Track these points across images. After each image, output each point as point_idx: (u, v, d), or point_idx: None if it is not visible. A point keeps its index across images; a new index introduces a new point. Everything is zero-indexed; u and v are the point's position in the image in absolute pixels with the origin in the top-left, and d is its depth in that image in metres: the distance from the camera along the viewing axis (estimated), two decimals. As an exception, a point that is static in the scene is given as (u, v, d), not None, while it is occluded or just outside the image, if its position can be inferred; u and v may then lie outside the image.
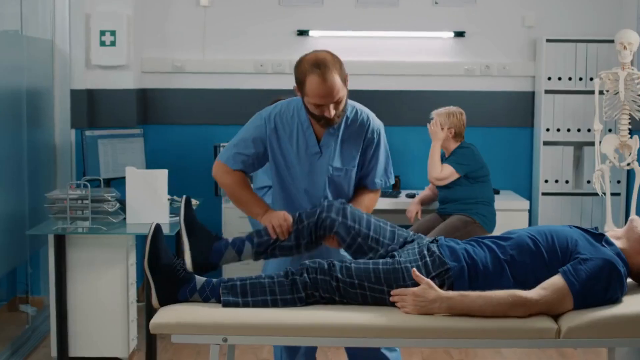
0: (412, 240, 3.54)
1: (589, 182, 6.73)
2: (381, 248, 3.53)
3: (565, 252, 3.34)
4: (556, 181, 6.90)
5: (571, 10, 7.05)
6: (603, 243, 3.37)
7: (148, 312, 5.32)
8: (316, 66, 3.60)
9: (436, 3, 7.05)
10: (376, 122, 3.92)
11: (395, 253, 3.45)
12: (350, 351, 4.04)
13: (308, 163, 3.86)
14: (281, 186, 3.97)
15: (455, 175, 5.96)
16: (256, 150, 3.85)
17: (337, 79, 3.62)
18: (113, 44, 6.48)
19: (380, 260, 3.39)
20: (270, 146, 3.86)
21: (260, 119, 3.88)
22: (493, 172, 6.47)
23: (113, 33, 6.47)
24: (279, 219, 3.64)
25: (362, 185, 3.98)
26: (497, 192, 6.74)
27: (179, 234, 3.64)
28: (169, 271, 3.33)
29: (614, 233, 3.51)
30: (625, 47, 5.84)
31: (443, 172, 5.96)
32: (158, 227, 3.37)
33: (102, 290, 5.16)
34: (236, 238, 3.60)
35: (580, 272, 3.23)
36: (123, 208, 5.30)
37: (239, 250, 3.57)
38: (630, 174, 6.59)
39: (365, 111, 3.92)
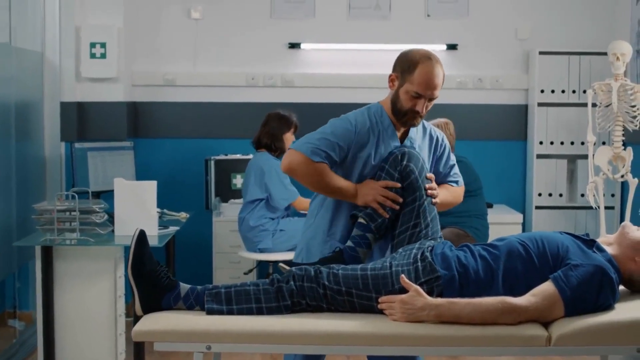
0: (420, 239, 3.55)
1: (583, 195, 6.69)
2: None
3: (556, 258, 3.28)
4: (550, 194, 6.86)
5: (564, 23, 7.03)
6: (594, 249, 3.32)
7: (136, 353, 5.27)
8: (429, 57, 3.64)
9: (428, 15, 7.03)
10: (440, 133, 3.93)
11: (395, 254, 3.42)
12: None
13: None
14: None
15: None
16: (338, 156, 3.69)
17: (442, 76, 3.66)
18: (103, 56, 6.45)
19: (369, 266, 3.33)
20: (353, 154, 3.72)
21: (351, 125, 3.72)
22: (486, 185, 6.42)
23: (103, 45, 6.44)
24: (381, 192, 3.60)
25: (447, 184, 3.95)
26: (491, 206, 6.69)
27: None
28: (153, 278, 3.27)
29: (606, 239, 3.46)
30: (618, 58, 5.79)
31: None
32: (142, 233, 3.31)
33: (89, 302, 5.10)
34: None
35: (571, 278, 3.17)
36: (111, 220, 5.25)
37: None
38: (624, 186, 6.55)
39: (427, 123, 3.91)
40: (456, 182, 3.96)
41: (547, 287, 3.18)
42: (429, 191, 3.63)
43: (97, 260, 5.10)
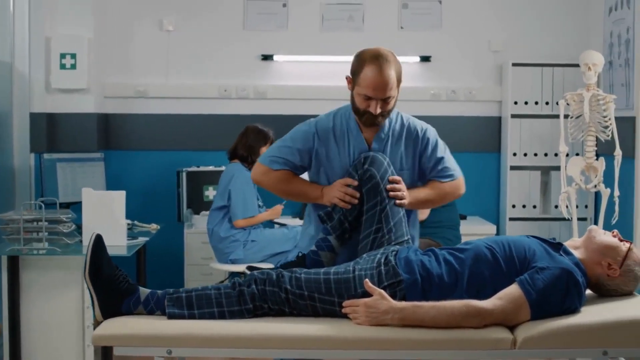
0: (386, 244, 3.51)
1: (556, 207, 6.67)
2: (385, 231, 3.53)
3: (523, 261, 3.26)
4: (523, 206, 6.84)
5: (537, 35, 7.04)
6: (561, 252, 3.30)
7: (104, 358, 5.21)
8: (376, 57, 3.59)
9: (402, 27, 7.02)
10: (421, 125, 3.87)
11: (359, 259, 3.38)
12: None
13: None
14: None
15: None
16: (301, 160, 3.74)
17: (393, 75, 3.60)
18: (73, 67, 6.40)
19: (332, 270, 3.29)
20: (317, 156, 3.74)
21: (310, 128, 3.76)
22: (460, 198, 6.39)
23: (73, 56, 6.39)
24: (340, 188, 3.59)
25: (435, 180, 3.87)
26: (464, 218, 6.66)
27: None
28: (111, 283, 3.22)
29: (573, 243, 3.44)
30: (589, 68, 5.78)
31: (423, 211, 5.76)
32: (99, 237, 3.26)
33: (57, 313, 5.02)
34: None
35: (537, 281, 3.14)
36: (80, 231, 5.19)
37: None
38: (597, 197, 6.53)
39: (413, 119, 3.87)
40: (448, 176, 3.86)
41: (513, 290, 3.16)
42: (392, 193, 3.58)
43: (65, 271, 5.02)
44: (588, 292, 3.36)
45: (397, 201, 3.60)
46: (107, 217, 5.12)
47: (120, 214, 5.18)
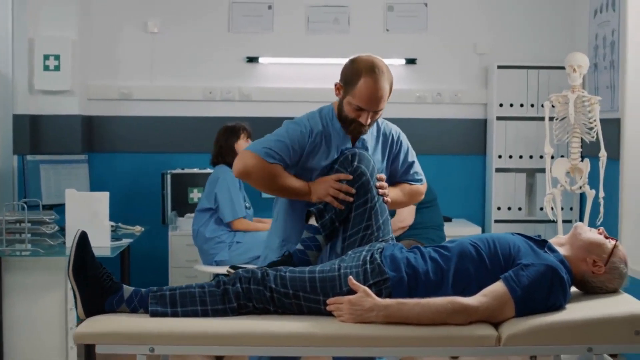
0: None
1: (541, 209, 6.66)
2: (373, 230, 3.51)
3: (507, 258, 3.24)
4: (509, 208, 6.84)
5: (523, 37, 7.04)
6: (546, 250, 3.28)
7: (87, 357, 5.17)
8: (372, 70, 3.53)
9: (387, 30, 7.01)
10: (395, 129, 3.84)
11: (344, 256, 3.36)
12: None
13: None
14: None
15: (414, 209, 5.82)
16: (292, 158, 3.64)
17: (387, 88, 3.56)
18: (57, 68, 6.37)
19: (317, 269, 3.27)
20: (306, 157, 3.67)
21: (306, 129, 3.67)
22: (446, 200, 6.40)
23: (57, 57, 6.36)
24: (333, 185, 3.54)
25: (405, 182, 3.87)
26: (450, 220, 6.66)
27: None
28: (95, 280, 3.18)
29: (558, 240, 3.43)
30: (575, 70, 5.79)
31: (406, 217, 5.75)
32: (83, 234, 3.22)
33: (39, 315, 4.99)
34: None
35: (521, 278, 3.13)
36: (63, 232, 5.16)
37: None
38: (582, 198, 6.54)
39: (386, 122, 3.84)
40: (417, 180, 3.87)
41: (497, 287, 3.14)
42: (380, 191, 3.57)
43: (48, 272, 4.99)
44: (573, 289, 3.35)
45: (385, 198, 3.59)
46: (90, 218, 5.09)
47: (104, 215, 5.15)
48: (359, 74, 3.53)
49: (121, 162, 6.94)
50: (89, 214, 5.10)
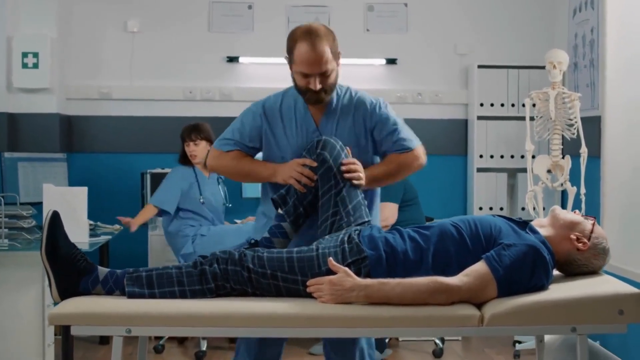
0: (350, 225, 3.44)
1: (523, 208, 6.66)
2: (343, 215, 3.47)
3: (489, 239, 3.21)
4: (490, 208, 6.82)
5: (503, 37, 7.05)
6: (527, 230, 3.26)
7: (65, 338, 5.11)
8: (307, 33, 3.54)
9: (368, 30, 7.00)
10: (370, 100, 3.76)
11: (322, 239, 3.32)
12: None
13: None
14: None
15: (396, 207, 5.79)
16: (250, 140, 3.73)
17: (327, 49, 3.53)
18: (36, 66, 6.31)
19: (295, 249, 3.23)
20: (265, 136, 3.72)
21: (258, 108, 3.74)
22: (427, 200, 6.37)
23: (36, 55, 6.30)
24: (296, 168, 3.53)
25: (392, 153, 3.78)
26: (431, 220, 6.62)
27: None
28: (69, 261, 3.12)
29: (539, 222, 3.40)
30: (555, 67, 5.79)
31: (388, 216, 5.71)
32: (55, 214, 3.17)
33: (16, 312, 4.92)
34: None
35: (503, 258, 3.09)
36: (41, 228, 5.09)
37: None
38: (563, 195, 6.53)
39: (363, 93, 3.78)
40: (404, 147, 3.74)
41: (479, 267, 3.10)
42: (347, 175, 3.51)
43: (25, 268, 4.92)
44: (556, 272, 3.32)
45: (355, 182, 3.52)
46: (68, 213, 4.98)
47: (82, 211, 5.11)
48: (295, 40, 3.57)
49: (101, 162, 6.89)
50: (68, 209, 5.00)
